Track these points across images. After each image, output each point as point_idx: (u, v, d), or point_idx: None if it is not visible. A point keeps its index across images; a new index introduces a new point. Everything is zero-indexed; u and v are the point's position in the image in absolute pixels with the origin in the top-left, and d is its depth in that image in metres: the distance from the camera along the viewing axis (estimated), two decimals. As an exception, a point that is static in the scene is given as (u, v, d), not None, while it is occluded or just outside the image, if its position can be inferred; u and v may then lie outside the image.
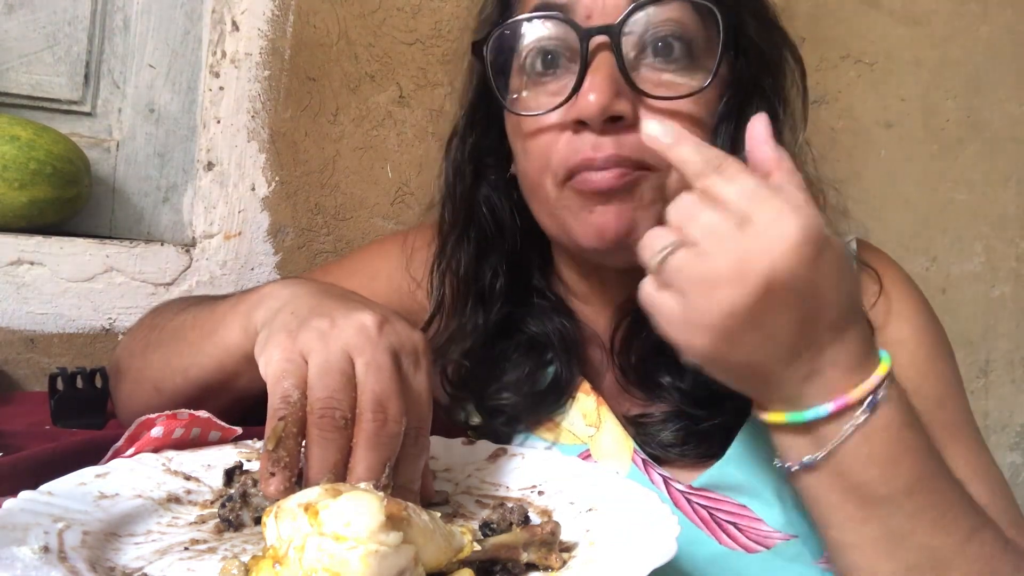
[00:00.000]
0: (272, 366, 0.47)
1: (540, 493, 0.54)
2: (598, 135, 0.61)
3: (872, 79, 1.38)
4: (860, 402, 0.51)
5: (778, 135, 0.61)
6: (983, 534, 0.54)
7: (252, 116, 1.01)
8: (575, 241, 0.65)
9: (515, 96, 0.67)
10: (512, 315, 0.73)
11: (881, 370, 0.52)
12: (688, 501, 0.65)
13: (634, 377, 0.69)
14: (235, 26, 1.00)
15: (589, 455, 0.68)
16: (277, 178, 1.03)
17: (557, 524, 0.44)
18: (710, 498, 0.65)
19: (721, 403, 0.64)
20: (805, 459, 0.52)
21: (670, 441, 0.66)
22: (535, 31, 0.64)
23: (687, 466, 0.67)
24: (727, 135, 0.64)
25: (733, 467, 0.65)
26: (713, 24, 0.62)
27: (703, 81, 0.62)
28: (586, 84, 0.60)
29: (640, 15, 0.61)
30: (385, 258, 0.82)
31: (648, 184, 0.62)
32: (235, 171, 1.01)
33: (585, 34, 0.61)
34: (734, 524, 0.64)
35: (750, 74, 0.66)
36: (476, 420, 0.76)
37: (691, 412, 0.66)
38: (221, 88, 1.00)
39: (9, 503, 0.44)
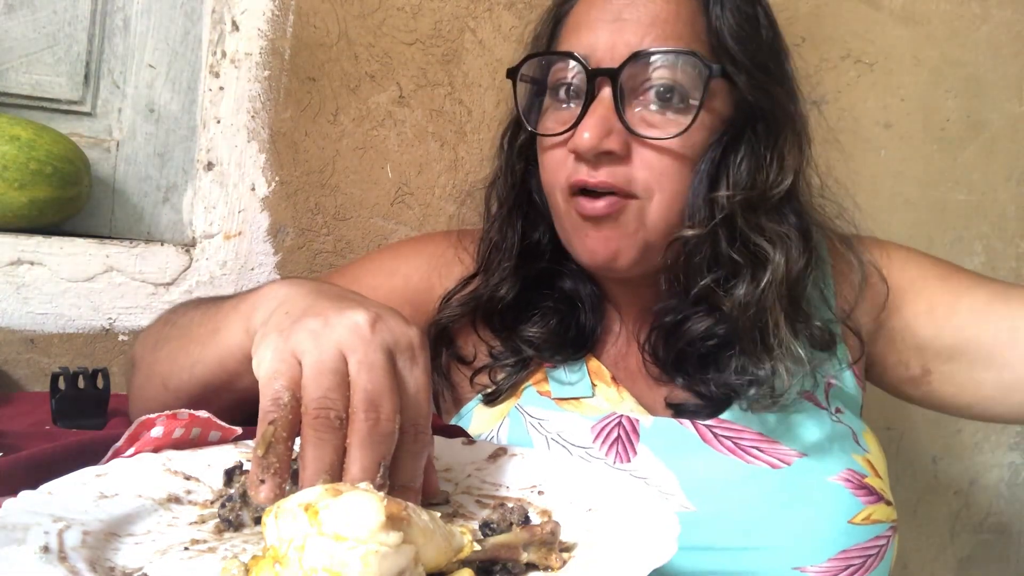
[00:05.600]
0: (264, 366, 0.47)
1: (540, 493, 0.54)
2: (592, 165, 0.71)
3: (872, 79, 1.38)
4: None
5: (764, 175, 0.74)
6: None
7: (252, 116, 1.01)
8: (575, 253, 0.77)
9: (539, 114, 0.78)
10: (549, 270, 0.83)
11: None
12: (714, 435, 0.74)
13: (665, 370, 0.78)
14: (235, 26, 1.00)
15: (614, 412, 0.76)
16: (277, 178, 1.03)
17: (557, 524, 0.44)
18: (732, 429, 0.74)
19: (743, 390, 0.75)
20: None
21: (705, 414, 0.75)
22: (557, 66, 0.75)
23: None
24: (706, 169, 0.73)
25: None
26: (700, 76, 0.71)
27: (688, 123, 0.72)
28: (584, 122, 0.71)
29: (638, 63, 0.71)
30: (404, 259, 0.87)
31: (632, 212, 0.73)
32: (235, 171, 1.01)
33: (591, 74, 0.71)
34: (756, 448, 0.73)
35: (740, 119, 0.74)
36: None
37: (719, 395, 0.75)
38: (221, 88, 1.00)
39: (9, 503, 0.44)
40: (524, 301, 0.81)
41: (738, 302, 0.72)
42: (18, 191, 0.87)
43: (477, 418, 0.79)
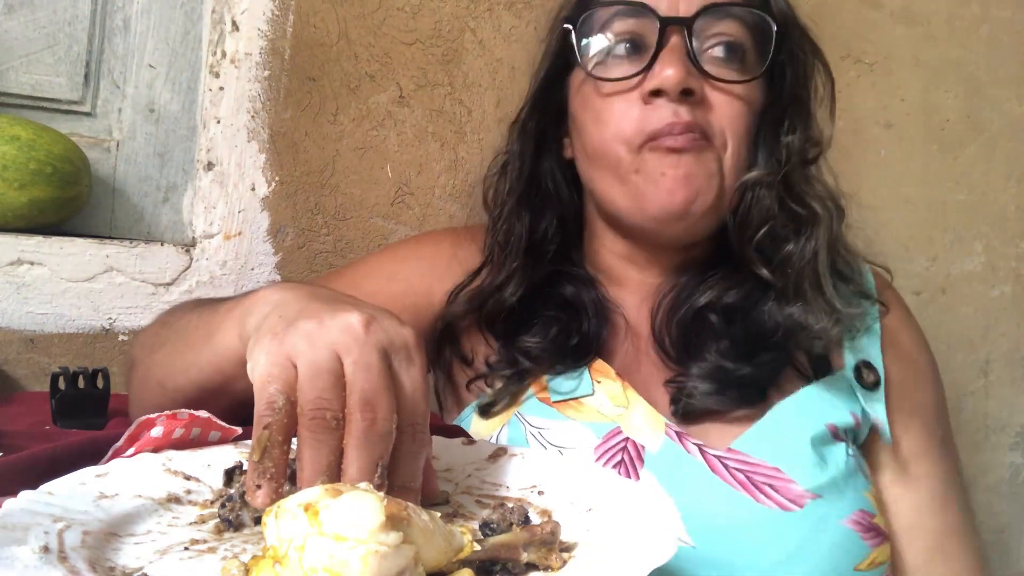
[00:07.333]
0: (258, 370, 0.46)
1: (540, 493, 0.54)
2: (676, 105, 0.72)
3: (872, 79, 1.38)
4: None
5: (813, 128, 0.78)
6: None
7: (252, 116, 1.01)
8: (643, 207, 0.74)
9: (594, 65, 0.77)
10: (552, 275, 0.83)
11: None
12: (724, 466, 0.70)
13: (672, 345, 0.78)
14: (235, 26, 1.00)
15: (619, 431, 0.73)
16: (277, 178, 1.03)
17: (557, 524, 0.44)
18: (746, 462, 0.71)
19: (755, 357, 0.74)
20: None
21: (708, 390, 0.73)
22: (620, 18, 0.76)
23: (719, 433, 0.73)
24: (770, 120, 0.77)
25: (770, 429, 0.72)
26: (767, 30, 0.75)
27: (755, 74, 0.75)
28: (662, 62, 0.72)
29: (710, 15, 0.74)
30: (403, 262, 0.86)
31: (711, 155, 0.74)
32: (235, 171, 1.01)
33: (664, 22, 0.73)
34: (769, 485, 0.70)
35: (791, 74, 0.78)
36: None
37: (727, 366, 0.74)
38: (221, 88, 1.00)
39: (9, 503, 0.44)
40: (527, 307, 0.81)
41: (791, 256, 0.74)
42: (18, 191, 0.87)
43: (475, 427, 0.79)
